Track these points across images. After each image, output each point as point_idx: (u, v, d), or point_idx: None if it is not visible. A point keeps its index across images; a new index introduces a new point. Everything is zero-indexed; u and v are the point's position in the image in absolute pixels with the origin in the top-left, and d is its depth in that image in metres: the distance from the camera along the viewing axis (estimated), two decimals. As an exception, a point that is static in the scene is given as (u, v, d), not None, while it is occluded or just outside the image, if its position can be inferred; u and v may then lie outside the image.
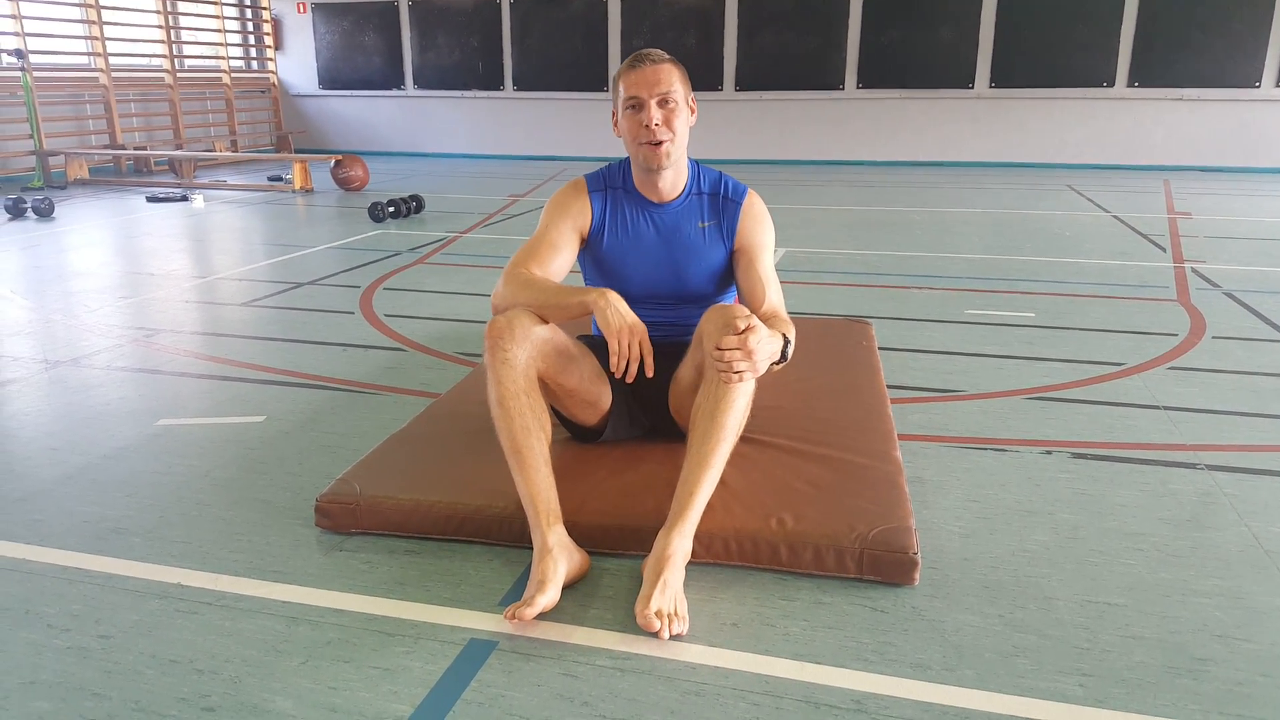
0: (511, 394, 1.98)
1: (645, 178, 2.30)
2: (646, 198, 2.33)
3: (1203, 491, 2.39)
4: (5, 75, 9.68)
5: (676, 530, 1.87)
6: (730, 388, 1.93)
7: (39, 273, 5.37)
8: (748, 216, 2.33)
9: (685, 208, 2.34)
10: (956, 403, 3.08)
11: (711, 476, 1.92)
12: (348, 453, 2.61)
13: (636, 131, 2.19)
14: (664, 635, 1.73)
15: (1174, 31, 11.02)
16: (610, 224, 2.34)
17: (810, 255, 5.84)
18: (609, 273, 2.37)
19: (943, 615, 1.84)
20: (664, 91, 2.16)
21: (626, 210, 2.34)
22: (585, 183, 2.36)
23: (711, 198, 2.34)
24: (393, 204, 7.30)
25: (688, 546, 1.89)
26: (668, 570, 1.81)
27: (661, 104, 2.17)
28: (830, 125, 12.27)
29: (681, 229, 2.33)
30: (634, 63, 2.19)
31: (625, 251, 2.34)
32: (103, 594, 1.92)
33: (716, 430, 1.93)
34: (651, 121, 2.16)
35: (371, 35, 13.39)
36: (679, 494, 1.92)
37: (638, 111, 2.18)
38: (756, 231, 2.34)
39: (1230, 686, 1.62)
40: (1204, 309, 4.33)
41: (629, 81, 2.18)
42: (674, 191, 2.32)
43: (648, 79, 2.16)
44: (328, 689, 1.61)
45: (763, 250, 2.34)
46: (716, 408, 1.94)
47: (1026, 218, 7.49)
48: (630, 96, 2.17)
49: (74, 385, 3.28)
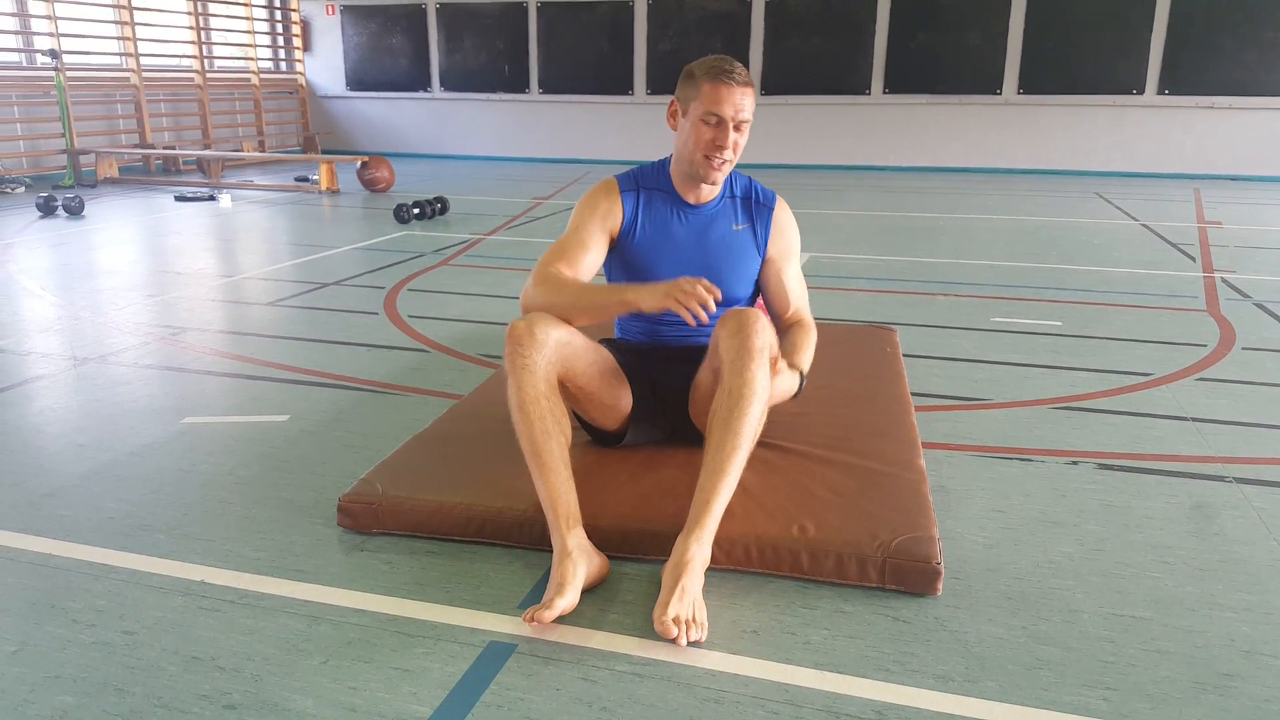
0: (531, 398, 1.98)
1: (688, 182, 2.32)
2: (684, 198, 2.34)
3: (1231, 504, 2.36)
4: (39, 75, 9.81)
5: (694, 536, 1.87)
6: (746, 395, 1.93)
7: (68, 270, 5.43)
8: (778, 222, 2.38)
9: (720, 210, 2.36)
10: (981, 411, 3.06)
11: (729, 482, 1.92)
12: (370, 453, 2.62)
13: (706, 146, 2.19)
14: (681, 642, 1.72)
15: (1205, 39, 10.91)
16: (642, 223, 2.34)
17: (835, 260, 5.82)
18: (638, 273, 2.35)
19: (965, 626, 1.82)
20: (745, 118, 2.18)
21: (660, 210, 2.35)
22: (617, 183, 2.37)
23: (744, 201, 2.38)
24: (418, 205, 7.33)
25: (706, 553, 1.88)
26: (686, 577, 1.81)
27: (738, 127, 2.18)
28: (856, 130, 12.23)
29: (716, 229, 2.35)
30: (722, 75, 2.15)
31: (657, 251, 2.34)
32: (127, 590, 1.94)
33: (732, 436, 1.92)
34: (728, 144, 2.18)
35: (399, 37, 13.47)
36: (696, 500, 1.92)
37: (714, 128, 2.18)
38: (787, 237, 2.40)
39: (1258, 703, 1.60)
40: (1234, 320, 4.28)
41: (715, 97, 2.15)
42: (711, 194, 2.35)
43: (735, 100, 2.15)
44: (348, 689, 1.62)
45: (791, 256, 2.40)
46: (731, 414, 1.93)
47: (1054, 225, 7.43)
48: (712, 112, 2.16)
49: (101, 382, 3.32)
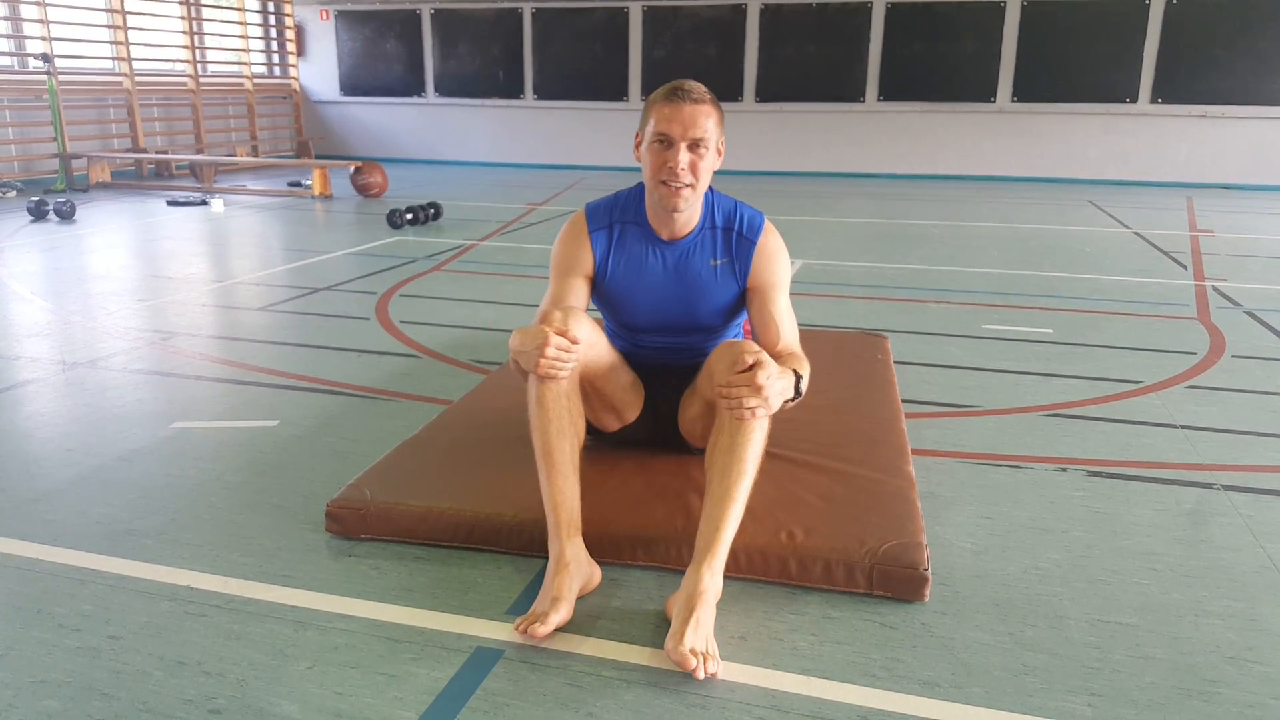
0: (553, 396, 1.96)
1: (659, 213, 2.19)
2: (657, 234, 2.23)
3: (1219, 512, 2.37)
4: (31, 78, 9.80)
5: (707, 566, 1.79)
6: (745, 423, 1.87)
7: (59, 274, 5.42)
8: (761, 255, 2.22)
9: (697, 244, 2.23)
10: (971, 418, 3.06)
11: (736, 511, 1.85)
12: (359, 458, 2.61)
13: (659, 169, 2.07)
14: (699, 674, 1.64)
15: (1198, 48, 10.97)
16: (615, 260, 2.25)
17: (827, 267, 5.83)
18: (615, 306, 2.31)
19: (952, 632, 1.82)
20: (697, 136, 2.04)
21: (633, 244, 2.25)
22: (585, 221, 2.26)
23: (725, 233, 2.23)
24: (411, 211, 7.33)
25: (718, 584, 1.82)
26: (700, 608, 1.73)
27: (692, 147, 2.05)
28: (850, 138, 12.26)
29: (692, 266, 2.23)
30: (672, 96, 2.05)
31: (631, 286, 2.26)
32: (113, 595, 1.93)
33: (736, 464, 1.86)
34: (678, 165, 2.04)
35: (393, 43, 13.48)
36: (704, 530, 1.85)
37: (665, 149, 2.05)
38: (771, 270, 2.23)
39: (1241, 709, 1.60)
40: (1224, 328, 4.30)
41: (663, 115, 2.04)
42: (687, 227, 2.22)
43: (684, 118, 2.03)
44: (334, 694, 1.61)
45: (776, 289, 2.23)
46: (734, 443, 1.87)
47: (1046, 233, 7.45)
48: (661, 132, 2.04)
49: (90, 387, 3.31)
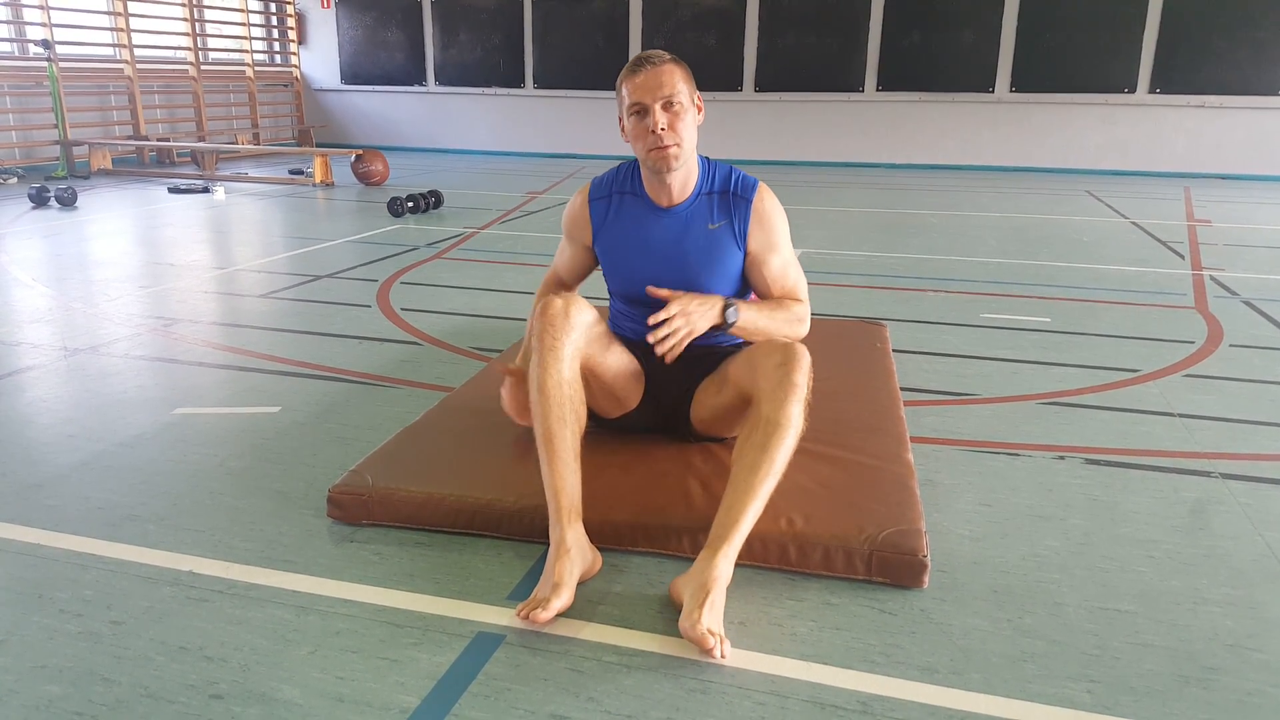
0: (555, 383, 1.98)
1: (655, 181, 2.24)
2: (655, 202, 2.28)
3: (1217, 500, 2.38)
4: (32, 65, 9.77)
5: (722, 553, 1.80)
6: (784, 425, 1.90)
7: (60, 261, 5.41)
8: (758, 212, 2.26)
9: (694, 209, 2.27)
10: (970, 406, 3.07)
11: (757, 507, 1.86)
12: (361, 445, 2.62)
13: (644, 137, 2.14)
14: (716, 654, 1.65)
15: (1197, 38, 10.94)
16: (613, 229, 2.32)
17: (827, 256, 5.82)
18: (621, 278, 2.36)
19: (951, 619, 1.83)
20: (668, 95, 2.10)
21: (632, 213, 2.30)
22: (589, 191, 2.37)
23: (721, 195, 2.28)
24: (412, 199, 7.32)
25: (730, 571, 1.83)
26: (714, 592, 1.74)
27: (666, 107, 2.11)
28: (849, 127, 12.23)
29: (691, 232, 2.27)
30: (635, 67, 2.13)
31: (631, 254, 2.31)
32: (115, 580, 1.94)
33: (767, 463, 1.87)
34: (658, 127, 2.10)
35: (394, 31, 13.44)
36: (722, 518, 1.86)
37: (643, 117, 2.13)
38: (769, 226, 2.27)
39: (1240, 696, 1.61)
40: (1222, 317, 4.30)
41: (631, 86, 2.12)
42: (684, 194, 2.27)
43: (650, 83, 2.10)
44: (335, 679, 1.62)
45: (776, 246, 2.29)
46: (769, 441, 1.89)
47: (1044, 222, 7.45)
48: (634, 103, 2.12)
49: (92, 373, 3.31)
